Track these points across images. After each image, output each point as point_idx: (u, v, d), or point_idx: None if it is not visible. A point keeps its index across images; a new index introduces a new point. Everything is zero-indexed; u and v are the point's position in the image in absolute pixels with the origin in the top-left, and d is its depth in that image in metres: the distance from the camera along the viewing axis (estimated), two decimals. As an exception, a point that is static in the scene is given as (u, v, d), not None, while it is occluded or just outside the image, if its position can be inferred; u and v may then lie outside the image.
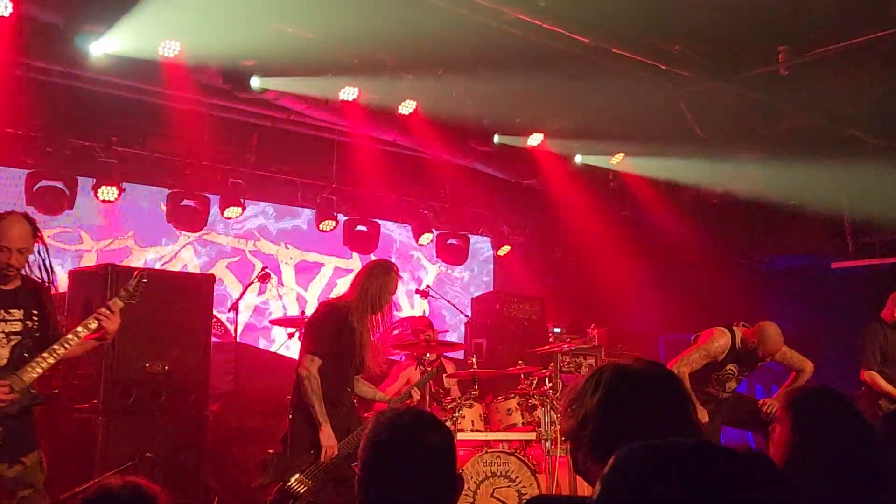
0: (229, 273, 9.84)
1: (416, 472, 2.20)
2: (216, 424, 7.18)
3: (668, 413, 2.03)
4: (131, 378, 6.24)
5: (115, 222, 9.23)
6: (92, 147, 8.29)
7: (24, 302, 4.58)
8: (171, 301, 6.51)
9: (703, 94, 8.43)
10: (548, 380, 7.42)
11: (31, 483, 4.52)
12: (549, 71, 7.67)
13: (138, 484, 1.86)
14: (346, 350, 5.49)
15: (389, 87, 8.09)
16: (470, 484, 6.49)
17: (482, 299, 10.49)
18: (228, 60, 7.40)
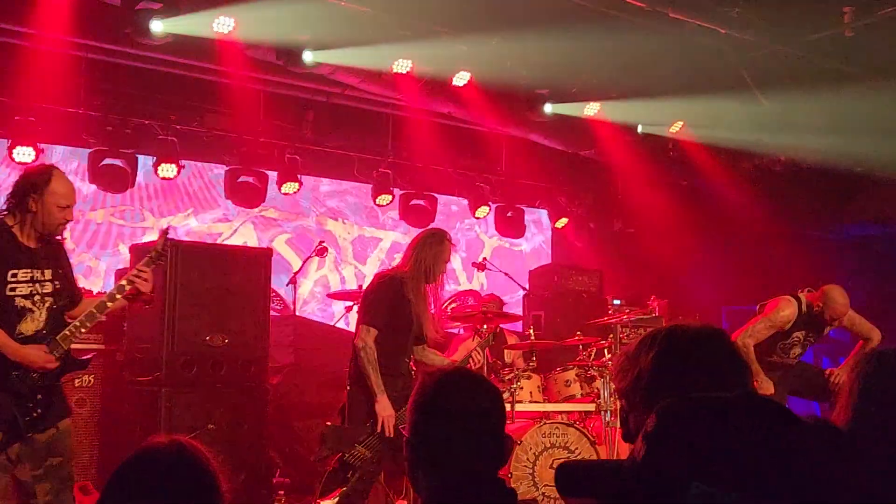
0: (288, 248, 9.93)
1: (463, 432, 2.17)
2: (276, 397, 7.26)
3: (721, 372, 1.98)
4: (193, 351, 6.32)
5: (175, 199, 9.36)
6: (151, 125, 8.41)
7: (51, 261, 4.47)
8: (230, 275, 6.58)
9: (765, 58, 8.21)
10: (607, 351, 7.36)
11: (61, 451, 4.43)
12: (605, 38, 7.53)
13: (182, 442, 1.87)
14: (401, 320, 5.49)
15: (443, 58, 8.04)
16: (529, 455, 6.48)
17: (540, 272, 10.41)
18: (282, 36, 7.43)
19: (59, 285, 4.46)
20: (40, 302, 4.37)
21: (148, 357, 6.30)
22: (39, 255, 4.40)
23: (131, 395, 6.42)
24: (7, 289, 4.27)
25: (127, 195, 8.81)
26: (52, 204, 4.34)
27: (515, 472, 6.36)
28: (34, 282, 4.35)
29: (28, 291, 4.33)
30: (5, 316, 4.26)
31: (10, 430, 4.22)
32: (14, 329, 4.27)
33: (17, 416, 4.22)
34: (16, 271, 4.30)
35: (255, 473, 6.49)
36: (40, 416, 4.32)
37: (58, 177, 4.40)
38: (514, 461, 6.37)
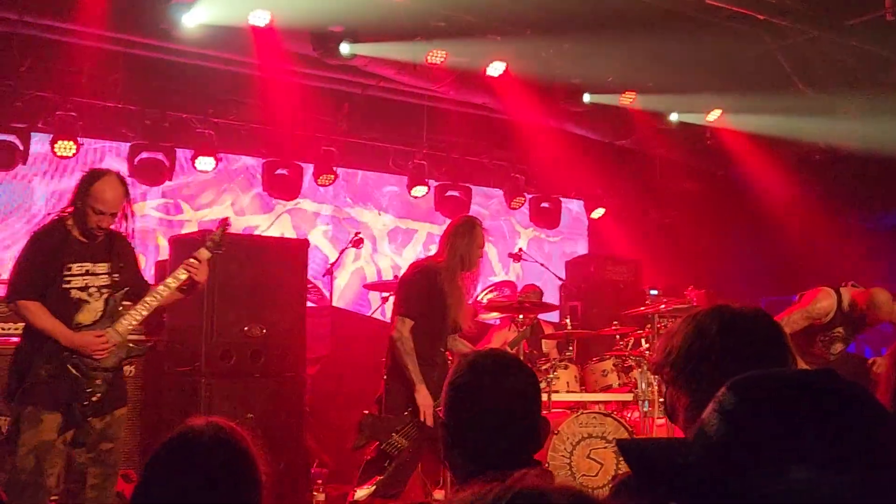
0: (324, 240, 9.98)
1: (497, 413, 2.17)
2: (314, 388, 7.31)
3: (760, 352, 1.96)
4: (231, 341, 6.39)
5: (212, 192, 9.45)
6: (189, 119, 8.49)
7: (109, 255, 4.62)
8: (267, 266, 6.63)
9: (804, 44, 8.10)
10: (644, 341, 7.31)
11: (114, 437, 4.60)
12: (641, 26, 7.47)
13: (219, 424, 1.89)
14: (437, 310, 5.48)
15: (478, 49, 8.02)
16: (566, 444, 6.46)
17: (576, 262, 10.38)
18: (317, 27, 7.45)
19: (118, 278, 4.62)
20: (97, 293, 4.55)
21: (187, 347, 6.37)
22: (96, 249, 4.58)
23: (171, 385, 6.50)
24: (63, 281, 4.46)
25: (164, 188, 8.90)
26: (87, 206, 4.48)
27: (553, 461, 6.35)
28: (89, 274, 4.53)
29: (83, 284, 4.51)
30: (63, 307, 4.45)
31: (68, 415, 4.38)
32: (72, 320, 4.46)
33: (72, 402, 4.38)
34: (70, 265, 4.48)
35: (293, 463, 6.54)
36: (98, 402, 4.48)
37: (103, 181, 4.52)
38: (550, 451, 6.36)
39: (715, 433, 1.17)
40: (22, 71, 7.60)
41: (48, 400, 4.36)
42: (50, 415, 4.35)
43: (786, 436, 1.11)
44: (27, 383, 4.36)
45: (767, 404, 1.15)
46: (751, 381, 1.19)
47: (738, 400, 1.18)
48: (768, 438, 1.12)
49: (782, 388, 1.16)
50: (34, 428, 4.32)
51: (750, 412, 1.16)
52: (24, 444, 4.32)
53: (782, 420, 1.12)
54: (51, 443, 4.36)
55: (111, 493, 4.62)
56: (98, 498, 4.53)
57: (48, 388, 4.36)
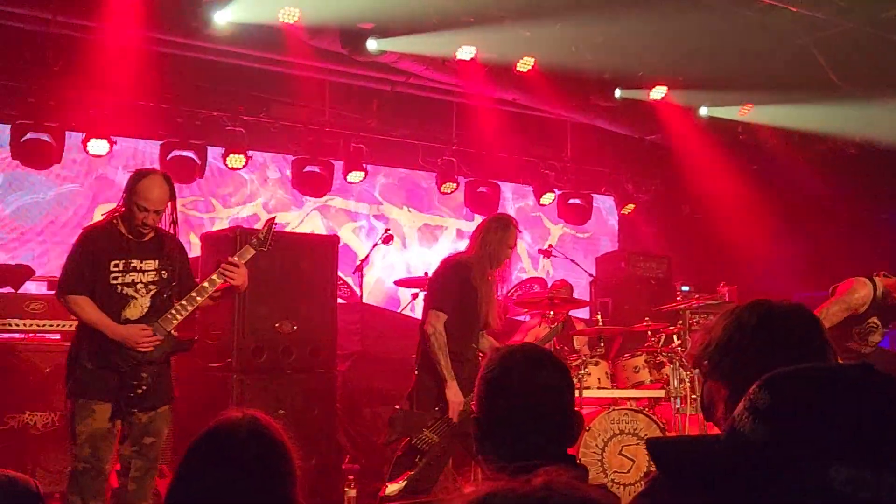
0: (354, 236, 10.01)
1: (530, 408, 2.15)
2: (345, 384, 7.32)
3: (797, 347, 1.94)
4: (262, 337, 6.40)
5: (242, 189, 9.50)
6: (220, 116, 8.54)
7: (158, 253, 4.76)
8: (298, 262, 6.64)
9: (838, 37, 7.99)
10: (676, 337, 7.26)
11: (156, 432, 4.71)
12: (672, 20, 7.41)
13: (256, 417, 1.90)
14: (469, 305, 5.47)
15: (507, 44, 8.00)
16: (598, 441, 6.43)
17: (607, 258, 10.33)
18: (346, 24, 7.47)
19: (167, 275, 4.75)
20: (143, 289, 4.69)
21: (219, 343, 6.40)
22: (145, 247, 4.72)
23: (204, 380, 6.52)
24: (110, 278, 4.61)
25: (195, 185, 8.97)
26: (133, 203, 4.62)
27: (584, 458, 6.32)
28: (136, 271, 4.67)
29: (129, 280, 4.65)
30: (110, 302, 4.60)
31: (115, 406, 4.54)
32: (119, 315, 4.60)
33: (120, 397, 4.53)
34: (118, 262, 4.63)
35: (325, 459, 6.55)
36: (144, 395, 4.60)
37: (149, 179, 4.66)
38: (582, 447, 6.33)
39: (750, 432, 1.15)
40: (55, 70, 7.68)
41: (97, 391, 4.51)
42: (100, 405, 4.50)
43: (823, 434, 1.09)
44: (77, 375, 4.53)
45: (803, 402, 1.13)
46: (784, 378, 1.17)
47: (771, 398, 1.16)
48: (805, 437, 1.10)
49: (817, 384, 1.14)
50: (88, 418, 4.48)
51: (785, 410, 1.14)
52: (80, 433, 4.48)
53: (819, 418, 1.10)
54: (105, 430, 4.52)
55: (150, 486, 4.74)
56: (138, 491, 4.66)
57: (96, 379, 4.52)
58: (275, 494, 1.83)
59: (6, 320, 6.33)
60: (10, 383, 6.12)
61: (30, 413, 6.13)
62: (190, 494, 1.82)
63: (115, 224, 4.70)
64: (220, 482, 1.80)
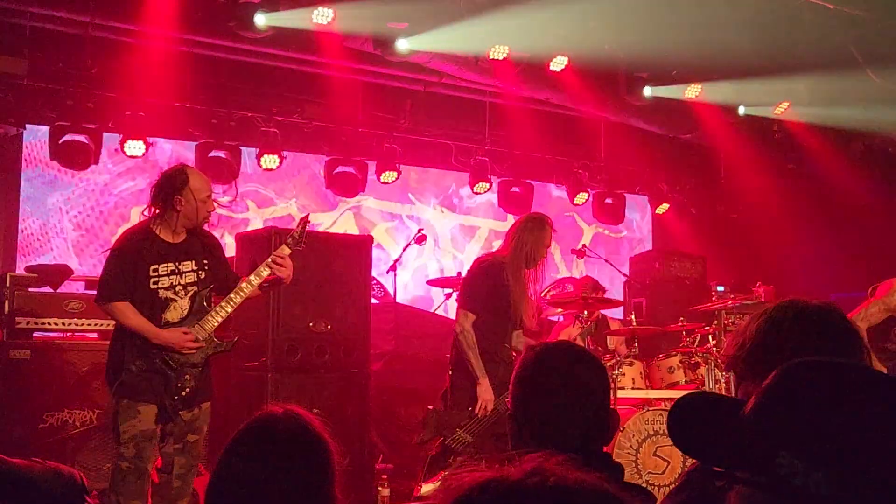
0: (387, 237, 10.03)
1: (565, 406, 2.15)
2: (378, 383, 7.34)
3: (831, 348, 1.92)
4: (297, 337, 6.44)
5: (277, 190, 9.56)
6: (254, 117, 8.60)
7: (194, 253, 4.81)
8: (332, 262, 6.67)
9: (876, 34, 7.88)
10: (711, 337, 7.19)
11: (198, 429, 4.79)
12: (707, 17, 7.36)
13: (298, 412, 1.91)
14: (501, 305, 5.47)
15: (539, 43, 7.98)
16: (632, 442, 6.39)
17: (641, 258, 10.27)
18: (379, 25, 7.49)
19: (205, 275, 4.81)
20: (182, 291, 4.74)
21: (254, 342, 6.44)
22: (182, 248, 4.78)
23: (239, 379, 6.58)
24: (150, 283, 4.66)
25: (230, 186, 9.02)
26: (195, 200, 4.71)
27: (618, 458, 6.28)
28: (174, 274, 4.72)
29: (169, 283, 4.70)
30: (151, 306, 4.65)
31: (161, 409, 4.60)
32: (160, 319, 4.66)
33: (165, 399, 4.59)
34: (156, 266, 4.68)
35: (359, 458, 6.58)
36: (189, 396, 4.68)
37: (193, 174, 4.80)
38: (616, 448, 6.29)
39: (751, 410, 1.18)
40: (93, 73, 7.78)
41: (142, 393, 4.57)
42: (146, 406, 4.56)
43: (793, 422, 1.11)
44: (122, 378, 4.56)
45: (791, 389, 1.16)
46: (795, 364, 1.19)
47: (771, 381, 1.19)
48: (774, 422, 1.13)
49: (820, 376, 1.15)
50: (133, 419, 4.54)
51: (773, 393, 1.17)
52: (125, 433, 4.54)
53: (797, 406, 1.13)
54: (150, 432, 4.58)
55: (192, 482, 4.83)
56: (182, 487, 4.75)
57: (141, 381, 4.57)
58: (314, 489, 1.84)
59: (45, 319, 6.41)
60: (49, 382, 6.20)
61: (68, 411, 6.21)
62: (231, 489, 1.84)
63: (150, 227, 4.74)
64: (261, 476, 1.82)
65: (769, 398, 1.18)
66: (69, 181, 8.49)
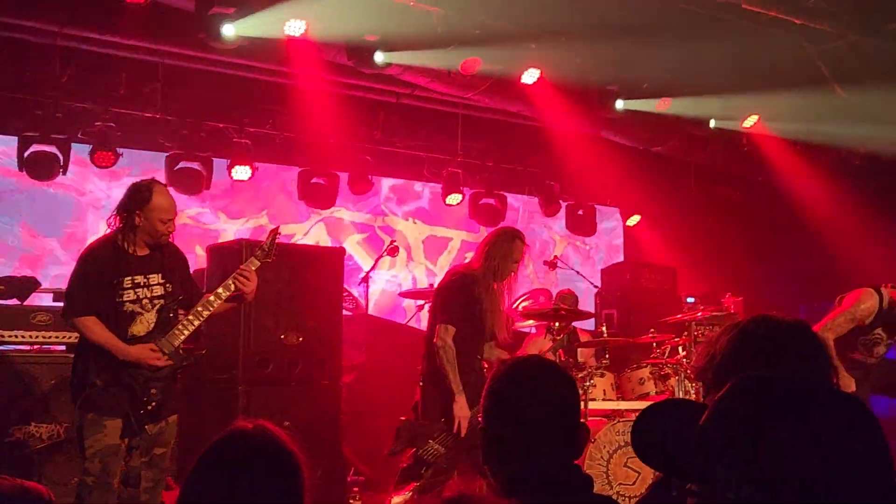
0: (359, 248, 10.02)
1: (536, 420, 2.16)
2: (350, 396, 7.32)
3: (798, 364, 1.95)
4: (268, 349, 6.42)
5: (249, 201, 9.53)
6: (226, 128, 8.56)
7: (161, 266, 4.77)
8: (303, 274, 6.66)
9: (843, 49, 7.99)
10: (681, 349, 7.25)
11: (165, 442, 4.77)
12: (677, 31, 7.42)
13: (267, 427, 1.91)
14: (473, 318, 5.47)
15: (512, 56, 8.01)
16: (603, 453, 6.42)
17: (612, 270, 10.33)
18: (352, 37, 7.49)
19: (172, 288, 4.77)
20: (149, 305, 4.69)
21: (225, 354, 6.41)
22: (148, 261, 4.72)
23: (209, 392, 6.54)
24: (116, 296, 4.61)
25: (201, 197, 8.99)
26: (154, 219, 4.66)
27: (589, 469, 6.30)
28: (141, 287, 4.68)
29: (135, 297, 4.66)
30: (117, 320, 4.61)
31: (126, 424, 4.56)
32: (126, 332, 4.62)
33: (130, 413, 4.54)
34: (123, 279, 4.63)
35: (330, 471, 6.55)
36: (154, 410, 4.64)
37: (158, 192, 4.71)
38: (587, 459, 6.32)
39: (701, 424, 1.23)
40: (62, 82, 7.72)
41: (108, 407, 4.53)
42: (111, 421, 4.53)
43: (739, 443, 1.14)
44: (87, 392, 4.53)
45: (735, 402, 1.20)
46: (742, 379, 1.23)
47: (723, 392, 1.22)
48: (718, 432, 1.18)
49: (764, 389, 1.19)
50: (98, 434, 4.51)
51: (726, 404, 1.20)
52: (90, 448, 4.51)
53: (739, 419, 1.16)
54: (115, 446, 4.54)
55: (160, 496, 4.79)
56: (150, 501, 4.72)
57: (107, 396, 4.53)
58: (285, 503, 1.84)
59: (12, 332, 6.34)
60: (16, 395, 6.12)
61: (35, 425, 6.13)
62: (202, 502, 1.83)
63: (117, 240, 4.69)
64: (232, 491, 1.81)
65: (712, 412, 1.21)
66: (34, 191, 8.41)
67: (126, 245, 4.68)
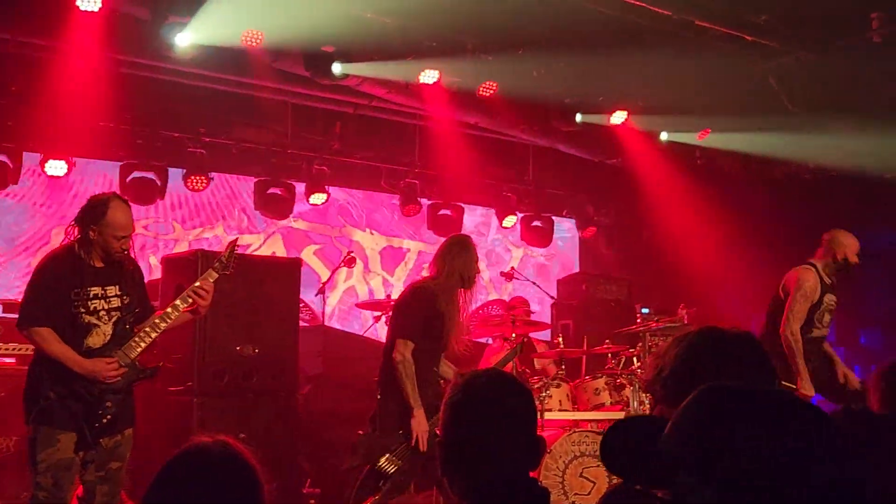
0: (316, 259, 9.98)
1: (493, 432, 2.19)
2: (307, 407, 7.29)
3: (745, 374, 2.00)
4: (223, 361, 6.37)
5: (204, 211, 9.45)
6: (181, 138, 8.50)
7: (118, 278, 4.71)
8: (260, 284, 6.62)
9: (792, 65, 8.17)
10: (636, 359, 7.32)
11: (121, 456, 4.69)
12: (632, 47, 7.53)
13: (227, 441, 1.91)
14: (434, 331, 5.47)
15: (470, 69, 8.06)
16: (559, 464, 6.46)
17: (568, 281, 10.40)
18: (309, 48, 7.49)
19: (129, 300, 4.71)
20: (106, 317, 4.63)
21: (180, 367, 6.35)
22: (105, 273, 4.65)
23: (164, 404, 6.46)
24: (72, 307, 4.54)
25: (155, 207, 8.90)
26: (109, 235, 4.59)
27: (545, 480, 6.34)
28: (98, 298, 4.61)
29: (92, 308, 4.59)
30: (73, 331, 4.54)
31: (81, 437, 4.48)
32: (82, 344, 4.55)
33: (84, 427, 4.47)
34: (79, 290, 4.56)
35: (286, 483, 6.51)
36: (110, 423, 4.57)
37: (115, 208, 4.61)
38: (543, 470, 6.35)
39: (665, 433, 1.27)
40: (14, 90, 7.61)
41: (62, 420, 4.45)
42: (65, 434, 4.45)
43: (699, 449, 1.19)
44: (40, 405, 4.45)
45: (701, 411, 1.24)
46: (704, 390, 1.26)
47: (685, 403, 1.27)
48: (679, 442, 1.22)
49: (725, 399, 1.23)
50: (51, 447, 4.43)
51: (687, 415, 1.25)
52: (42, 462, 4.42)
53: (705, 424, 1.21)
54: (69, 460, 4.46)
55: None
56: None
57: (60, 408, 4.46)
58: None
59: (-39, 344, 6.22)
60: (-35, 408, 6.01)
61: (-15, 438, 6.03)
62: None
63: (74, 250, 4.63)
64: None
65: (675, 421, 1.25)
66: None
67: (84, 256, 4.62)
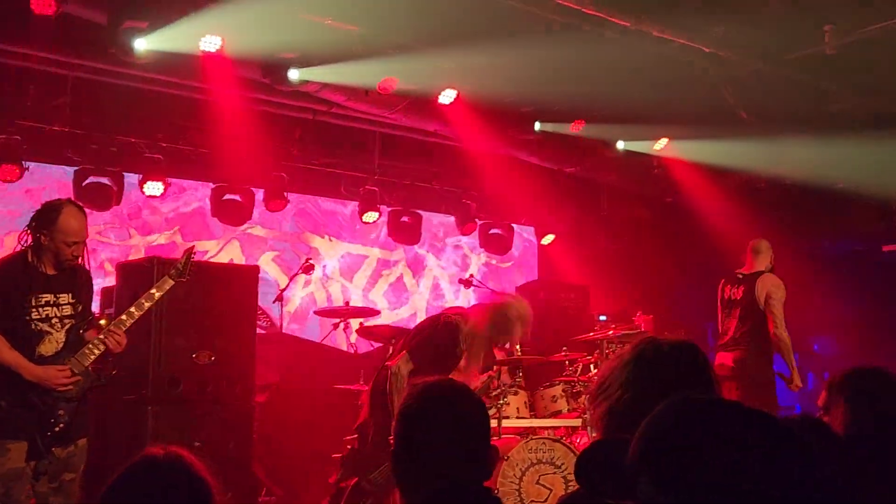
0: (274, 266, 9.93)
1: (446, 441, 2.20)
2: (263, 415, 7.24)
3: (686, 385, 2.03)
4: (179, 369, 6.30)
5: (161, 217, 9.36)
6: (138, 143, 8.40)
7: (71, 285, 4.67)
8: (217, 292, 6.56)
9: (748, 76, 8.29)
10: (593, 366, 7.38)
11: (75, 467, 4.64)
12: (590, 56, 7.59)
13: (180, 454, 1.90)
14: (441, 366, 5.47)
15: (429, 76, 8.07)
16: (515, 471, 6.47)
17: (526, 288, 10.44)
18: (269, 54, 7.45)
19: (81, 308, 4.69)
20: (59, 324, 4.59)
21: (134, 374, 6.27)
22: (58, 280, 4.61)
23: (118, 413, 6.38)
24: (24, 314, 4.49)
25: (112, 213, 8.79)
26: (59, 241, 4.54)
27: (502, 487, 6.35)
28: (51, 306, 4.57)
29: (44, 315, 4.54)
30: (25, 339, 4.49)
31: (32, 446, 4.42)
32: (34, 351, 4.49)
33: (36, 433, 4.41)
34: (33, 297, 4.52)
35: (241, 492, 6.45)
36: (62, 432, 4.51)
37: (67, 214, 4.56)
38: (500, 477, 6.36)
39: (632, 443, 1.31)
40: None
41: (12, 429, 4.39)
42: (15, 444, 4.38)
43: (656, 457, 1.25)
44: None
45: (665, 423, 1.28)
46: (670, 403, 1.32)
47: (650, 416, 1.31)
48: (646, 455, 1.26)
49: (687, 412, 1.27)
50: (1, 457, 4.35)
51: (651, 426, 1.29)
52: None
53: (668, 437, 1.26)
54: (20, 470, 4.39)
55: None
56: None
57: (11, 417, 4.39)
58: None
59: None
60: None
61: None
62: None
63: (27, 257, 4.58)
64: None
65: (639, 431, 1.29)
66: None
67: (36, 263, 4.57)
